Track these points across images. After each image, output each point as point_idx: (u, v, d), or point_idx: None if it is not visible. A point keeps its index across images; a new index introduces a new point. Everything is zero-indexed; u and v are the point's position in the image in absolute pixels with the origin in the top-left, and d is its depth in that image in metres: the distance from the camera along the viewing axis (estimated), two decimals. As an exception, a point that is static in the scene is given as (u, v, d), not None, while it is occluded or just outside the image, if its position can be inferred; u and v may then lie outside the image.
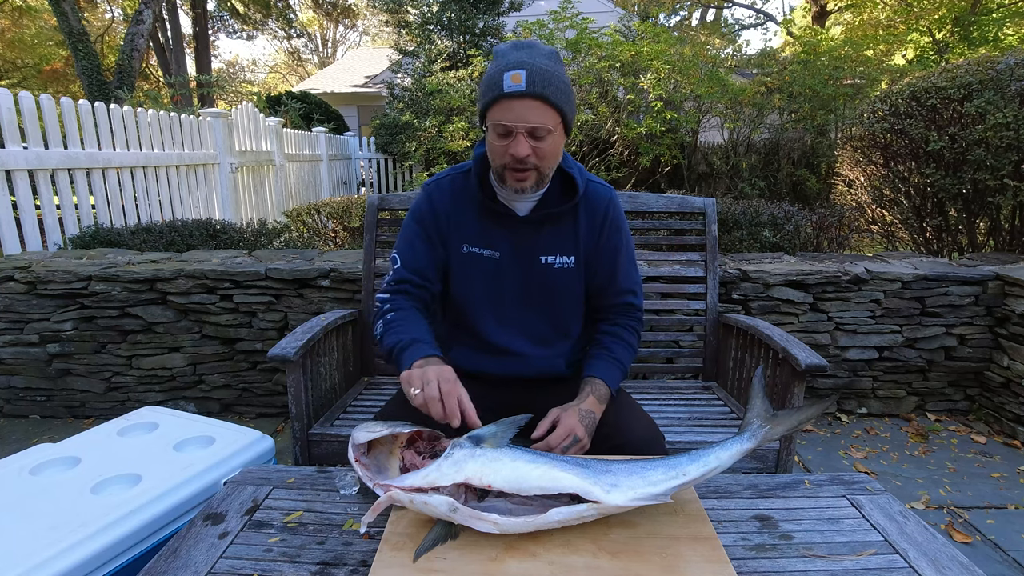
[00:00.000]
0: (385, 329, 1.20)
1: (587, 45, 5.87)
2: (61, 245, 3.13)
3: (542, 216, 1.28)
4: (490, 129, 1.16)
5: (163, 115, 3.98)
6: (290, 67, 31.77)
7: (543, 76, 1.11)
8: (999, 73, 3.15)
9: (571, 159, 1.31)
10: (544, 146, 1.14)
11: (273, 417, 2.67)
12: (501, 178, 1.21)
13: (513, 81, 1.10)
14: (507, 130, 1.13)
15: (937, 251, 3.73)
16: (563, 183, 1.29)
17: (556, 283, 1.31)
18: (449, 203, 1.31)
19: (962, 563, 0.86)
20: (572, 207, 1.29)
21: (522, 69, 1.10)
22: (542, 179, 1.20)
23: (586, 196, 1.31)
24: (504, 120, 1.12)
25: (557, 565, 0.81)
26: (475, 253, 1.29)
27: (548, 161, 1.18)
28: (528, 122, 1.11)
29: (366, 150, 9.08)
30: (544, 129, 1.12)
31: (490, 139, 1.17)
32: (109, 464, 1.43)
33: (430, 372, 1.02)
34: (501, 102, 1.12)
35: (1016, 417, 2.45)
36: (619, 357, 1.30)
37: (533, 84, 1.10)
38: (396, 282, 1.29)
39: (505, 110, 1.12)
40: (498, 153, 1.17)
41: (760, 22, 20.81)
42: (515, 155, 1.13)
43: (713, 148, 6.56)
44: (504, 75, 1.11)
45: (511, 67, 1.11)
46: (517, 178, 1.17)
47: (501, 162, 1.17)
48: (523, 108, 1.11)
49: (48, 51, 19.10)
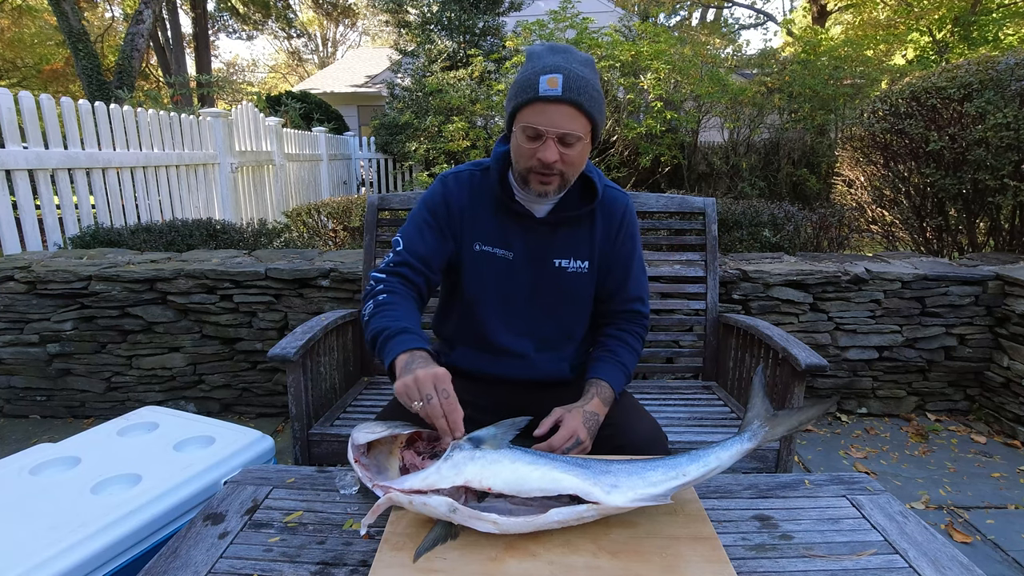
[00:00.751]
0: (375, 311, 1.15)
1: (587, 45, 5.87)
2: (61, 245, 3.13)
3: (559, 219, 1.27)
4: (519, 131, 1.14)
5: (163, 115, 3.98)
6: (290, 67, 31.77)
7: (579, 83, 1.09)
8: (999, 73, 3.15)
9: (590, 163, 1.30)
10: (572, 153, 1.13)
11: (273, 417, 2.67)
12: (524, 180, 1.19)
13: (549, 85, 1.08)
14: (537, 133, 1.11)
15: (937, 251, 3.73)
16: (582, 187, 1.28)
17: (568, 287, 1.30)
18: (466, 198, 1.29)
19: (962, 563, 0.86)
20: (589, 211, 1.28)
21: (559, 74, 1.08)
22: (565, 184, 1.19)
23: (603, 201, 1.30)
24: (536, 123, 1.10)
25: (557, 565, 0.81)
26: (488, 252, 1.28)
27: (574, 168, 1.17)
28: (560, 128, 1.10)
29: (366, 150, 9.08)
30: (575, 136, 1.11)
31: (518, 140, 1.15)
32: (109, 464, 1.43)
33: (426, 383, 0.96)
34: (534, 105, 1.10)
35: (1016, 417, 2.45)
36: (624, 361, 1.29)
37: (569, 90, 1.08)
38: (395, 264, 1.24)
39: (538, 113, 1.10)
40: (525, 155, 1.15)
41: (760, 22, 20.83)
42: (543, 160, 1.11)
43: (713, 148, 6.56)
44: (540, 78, 1.09)
45: (547, 71, 1.09)
46: (541, 181, 1.16)
47: (527, 165, 1.16)
48: (557, 113, 1.09)
49: (48, 51, 19.10)
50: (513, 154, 1.20)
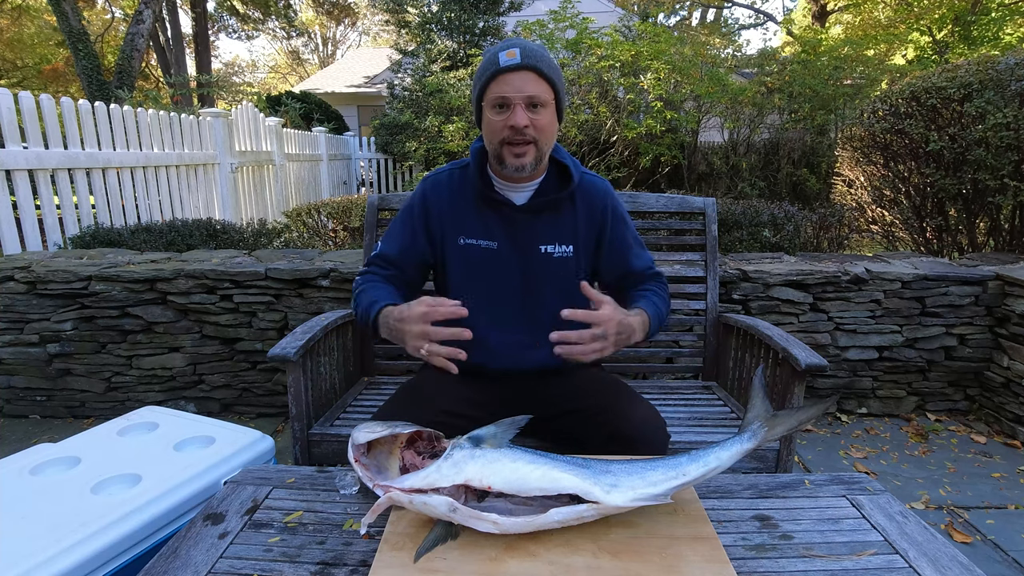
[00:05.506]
0: (356, 303, 1.28)
1: (587, 45, 5.87)
2: (61, 245, 3.13)
3: (540, 204, 1.29)
4: (488, 107, 1.20)
5: (163, 115, 3.97)
6: (290, 67, 31.77)
7: (536, 52, 1.18)
8: (999, 73, 3.15)
9: (564, 151, 1.34)
10: (541, 119, 1.19)
11: (273, 417, 2.67)
12: (499, 159, 1.22)
13: (508, 56, 1.17)
14: (505, 101, 1.17)
15: (937, 251, 3.73)
16: (559, 173, 1.32)
17: (555, 272, 1.31)
18: (446, 197, 1.33)
19: (962, 563, 0.86)
20: (569, 195, 1.31)
21: (516, 47, 1.18)
22: (540, 156, 1.23)
23: (582, 186, 1.33)
24: (502, 92, 1.17)
25: (557, 565, 0.81)
26: (472, 244, 1.31)
27: (545, 135, 1.21)
28: (525, 91, 1.16)
29: (366, 150, 9.08)
30: (541, 99, 1.17)
31: (489, 117, 1.20)
32: (109, 464, 1.43)
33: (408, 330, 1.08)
34: (498, 77, 1.17)
35: (1016, 417, 2.45)
36: (657, 303, 1.30)
37: (528, 57, 1.17)
38: (367, 263, 1.38)
39: (503, 83, 1.17)
40: (496, 129, 1.19)
41: (760, 22, 20.83)
42: (515, 125, 1.16)
43: (713, 148, 6.56)
44: (499, 54, 1.18)
45: (505, 47, 1.18)
46: (516, 152, 1.20)
47: (500, 137, 1.20)
48: (520, 80, 1.16)
49: (48, 51, 19.10)
50: (485, 136, 1.25)
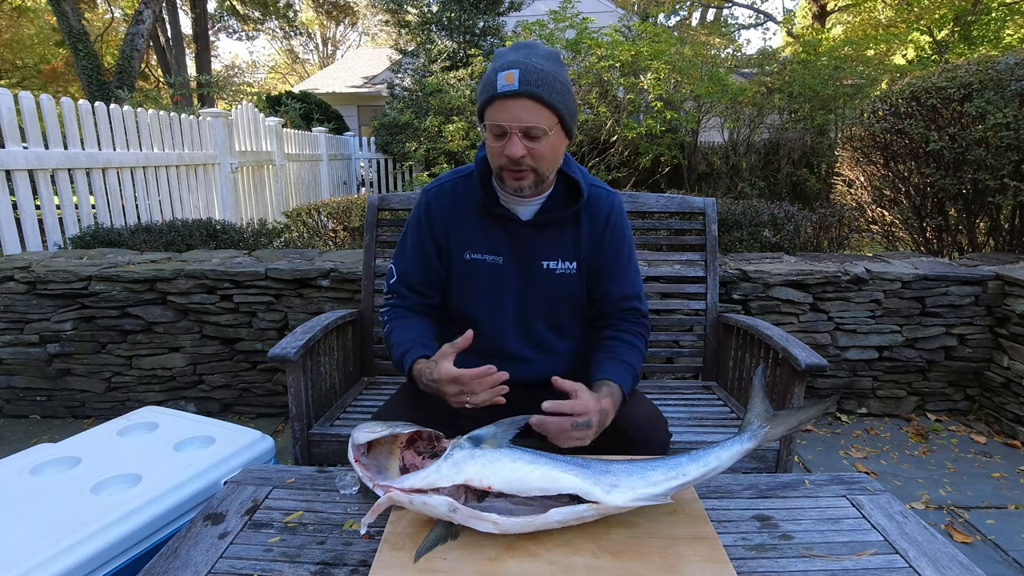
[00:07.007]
0: (387, 344, 1.29)
1: (587, 45, 5.87)
2: (61, 245, 3.13)
3: (545, 221, 1.27)
4: (486, 131, 1.15)
5: (163, 115, 3.97)
6: (290, 67, 31.77)
7: (537, 76, 1.09)
8: (999, 73, 3.15)
9: (575, 163, 1.30)
10: (539, 147, 1.13)
11: (273, 417, 2.67)
12: (500, 179, 1.21)
13: (506, 81, 1.09)
14: (502, 130, 1.12)
15: (937, 251, 3.73)
16: (567, 187, 1.28)
17: (557, 288, 1.30)
18: (449, 210, 1.30)
19: (962, 563, 0.86)
20: (575, 212, 1.28)
21: (515, 69, 1.09)
22: (540, 180, 1.19)
23: (588, 201, 1.29)
24: (498, 120, 1.11)
25: (557, 565, 0.81)
26: (477, 259, 1.29)
27: (545, 163, 1.17)
28: (522, 122, 1.10)
29: (366, 150, 9.08)
30: (539, 129, 1.11)
31: (488, 140, 1.17)
32: (109, 464, 1.43)
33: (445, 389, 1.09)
34: (495, 103, 1.11)
35: (1016, 417, 2.45)
36: (628, 360, 1.26)
37: (526, 83, 1.09)
38: (389, 293, 1.37)
39: (500, 110, 1.11)
40: (495, 154, 1.16)
41: (760, 22, 20.80)
42: (510, 156, 1.12)
43: (713, 148, 6.56)
44: (498, 76, 1.10)
45: (505, 67, 1.10)
46: (515, 178, 1.17)
47: (498, 163, 1.17)
48: (517, 108, 1.10)
49: (48, 51, 19.10)
50: (487, 155, 1.22)
